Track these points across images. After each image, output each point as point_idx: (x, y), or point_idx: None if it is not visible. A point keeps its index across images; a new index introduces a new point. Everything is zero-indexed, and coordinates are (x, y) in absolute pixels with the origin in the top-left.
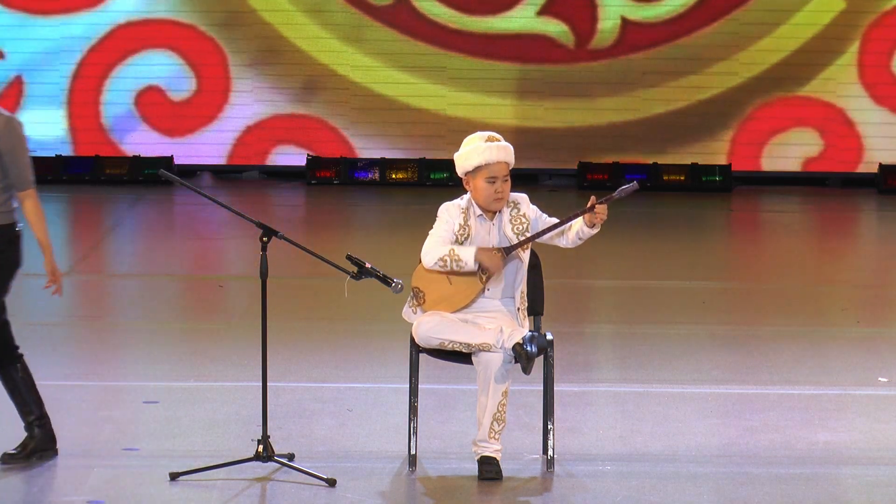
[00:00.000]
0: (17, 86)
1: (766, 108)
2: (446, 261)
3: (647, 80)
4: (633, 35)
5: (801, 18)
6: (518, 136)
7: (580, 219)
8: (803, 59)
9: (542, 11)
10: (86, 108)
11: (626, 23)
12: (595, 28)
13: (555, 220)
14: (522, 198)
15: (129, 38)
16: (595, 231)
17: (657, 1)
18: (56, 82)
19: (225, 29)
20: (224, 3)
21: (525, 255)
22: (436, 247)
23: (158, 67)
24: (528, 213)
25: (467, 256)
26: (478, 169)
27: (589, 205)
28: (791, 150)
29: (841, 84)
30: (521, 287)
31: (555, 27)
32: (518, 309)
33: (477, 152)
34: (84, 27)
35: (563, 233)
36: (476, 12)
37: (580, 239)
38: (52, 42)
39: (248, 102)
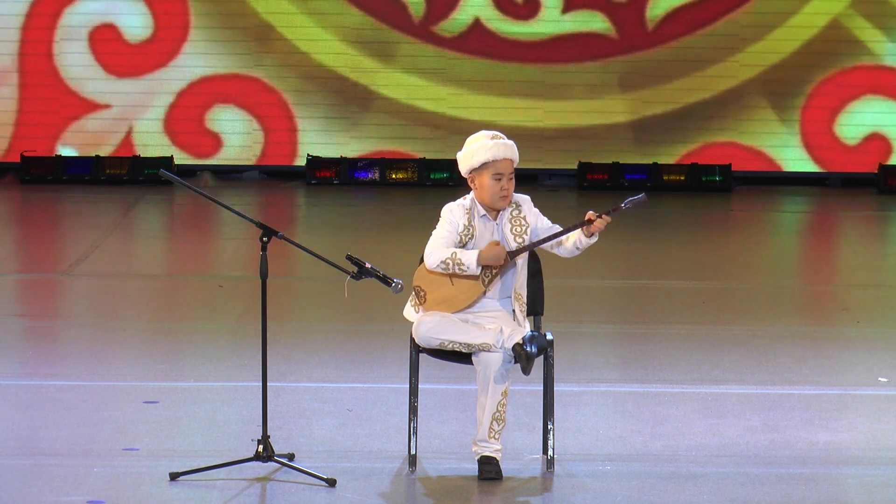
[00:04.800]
0: None
1: (767, 109)
2: (448, 264)
3: (647, 80)
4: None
5: (799, 21)
6: (518, 137)
7: (579, 229)
8: (803, 59)
9: None
10: None
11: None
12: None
13: (556, 228)
14: (525, 199)
15: None
16: (593, 241)
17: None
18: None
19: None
20: None
21: (521, 258)
22: (438, 249)
23: None
24: (528, 216)
25: (469, 261)
26: (484, 166)
27: (587, 218)
28: (791, 151)
29: (841, 87)
30: (519, 288)
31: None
32: (514, 311)
33: (484, 149)
34: None
35: (560, 243)
36: None
37: (578, 249)
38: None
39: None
